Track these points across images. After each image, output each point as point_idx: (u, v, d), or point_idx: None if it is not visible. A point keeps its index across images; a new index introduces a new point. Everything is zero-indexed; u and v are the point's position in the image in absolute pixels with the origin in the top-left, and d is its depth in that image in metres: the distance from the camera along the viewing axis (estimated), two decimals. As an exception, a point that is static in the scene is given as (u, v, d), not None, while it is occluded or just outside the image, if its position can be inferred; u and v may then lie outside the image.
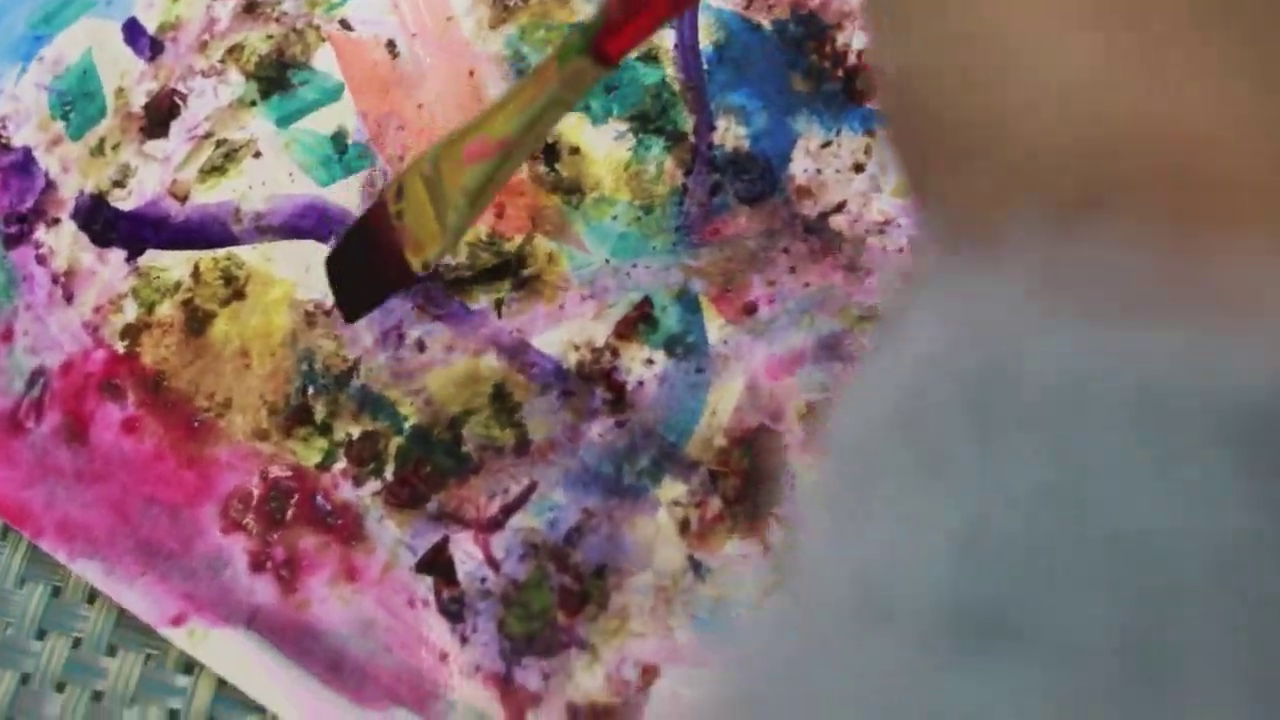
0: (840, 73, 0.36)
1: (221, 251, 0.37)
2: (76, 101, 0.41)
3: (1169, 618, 0.11)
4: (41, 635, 0.36)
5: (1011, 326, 0.13)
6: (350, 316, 0.33)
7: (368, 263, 0.31)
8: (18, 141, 0.41)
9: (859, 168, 0.35)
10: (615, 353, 0.35)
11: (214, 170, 0.38)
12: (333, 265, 0.32)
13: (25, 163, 0.40)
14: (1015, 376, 0.13)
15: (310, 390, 0.36)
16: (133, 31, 0.41)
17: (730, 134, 0.36)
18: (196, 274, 0.37)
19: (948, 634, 0.12)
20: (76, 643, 0.35)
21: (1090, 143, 0.14)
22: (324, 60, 0.39)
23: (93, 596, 0.36)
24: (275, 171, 0.38)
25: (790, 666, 0.14)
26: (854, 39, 0.36)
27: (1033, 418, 0.13)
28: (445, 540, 0.34)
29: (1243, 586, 0.11)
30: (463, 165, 0.28)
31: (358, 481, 0.35)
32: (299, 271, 0.37)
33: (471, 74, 0.38)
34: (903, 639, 0.13)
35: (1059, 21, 0.14)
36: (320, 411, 0.35)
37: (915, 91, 0.16)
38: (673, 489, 0.33)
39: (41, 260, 0.39)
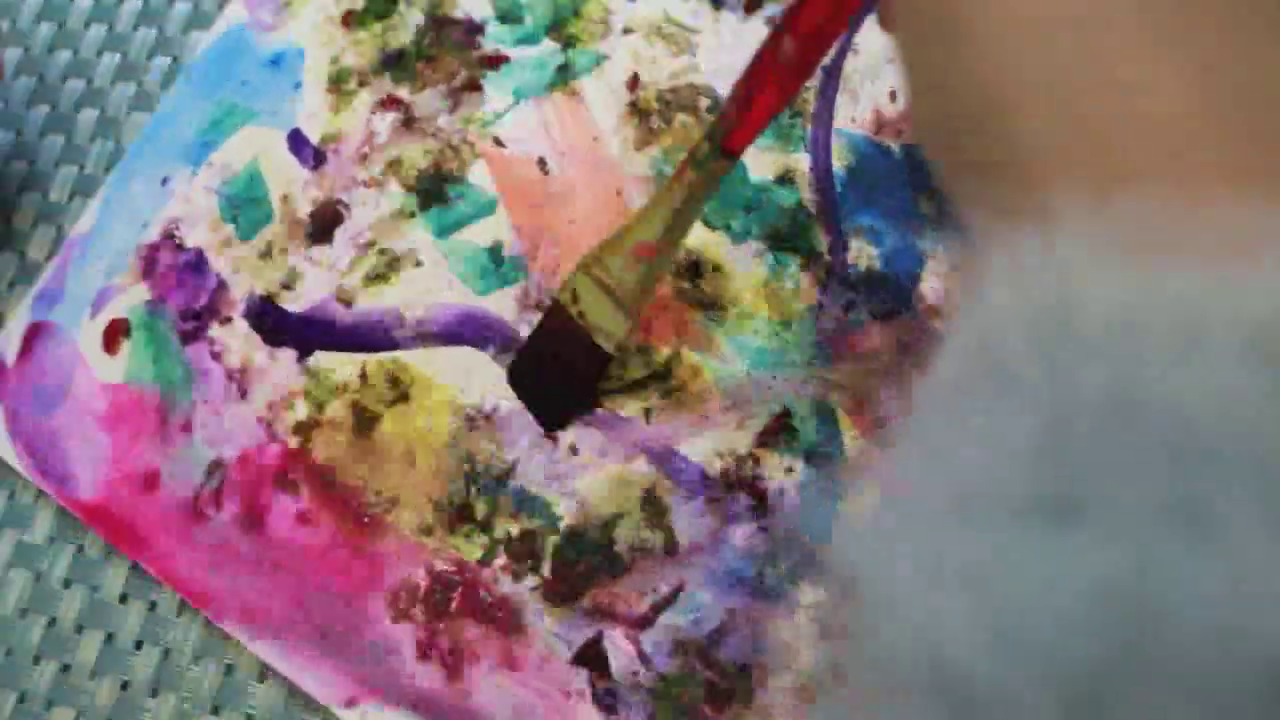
0: (967, 196, 0.39)
1: (386, 355, 0.41)
2: (244, 206, 0.44)
3: (1211, 487, 0.15)
4: (216, 711, 0.39)
5: (1065, 274, 0.17)
6: (550, 424, 0.38)
7: (558, 363, 0.37)
8: (191, 242, 0.44)
9: (986, 289, 0.38)
10: (757, 460, 0.38)
11: (378, 278, 0.42)
12: (516, 378, 0.37)
13: (198, 263, 0.44)
14: (1073, 311, 0.17)
15: (472, 490, 0.39)
16: (296, 141, 0.44)
17: (863, 253, 0.39)
18: (364, 376, 0.41)
19: (1030, 515, 0.16)
20: (249, 718, 0.39)
21: (1082, 138, 0.18)
22: (479, 175, 0.42)
23: (263, 675, 0.39)
24: (435, 280, 0.41)
25: (897, 554, 0.18)
26: (980, 164, 0.39)
27: (1090, 344, 0.16)
28: (599, 635, 0.37)
29: (1264, 453, 0.15)
30: (633, 263, 0.35)
31: (516, 577, 0.38)
32: (460, 376, 0.40)
33: (619, 193, 0.41)
34: (994, 523, 0.16)
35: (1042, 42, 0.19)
36: (481, 510, 0.39)
37: (945, 119, 0.21)
38: (812, 594, 0.36)
39: (216, 356, 0.42)
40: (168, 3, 0.49)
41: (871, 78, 0.40)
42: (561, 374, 0.38)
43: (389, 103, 0.44)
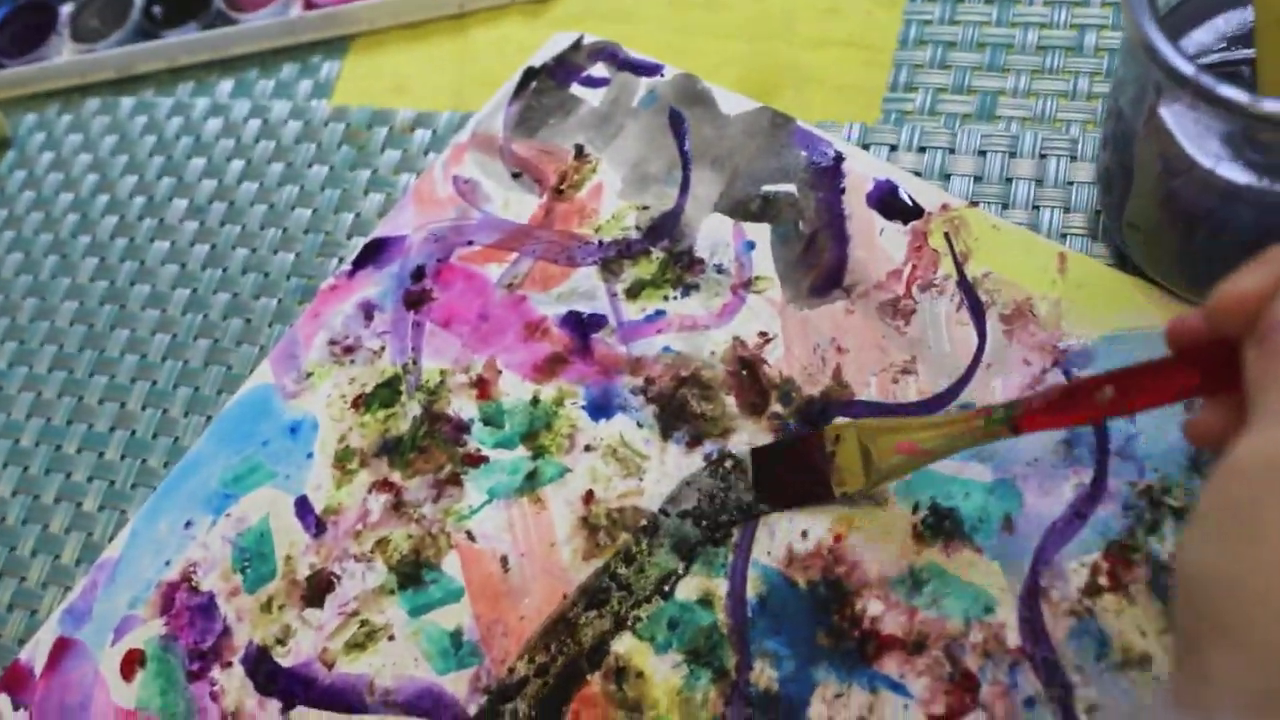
0: (856, 633, 0.47)
1: (354, 718, 0.50)
2: (254, 560, 0.54)
3: None
4: None
5: None
6: (761, 499, 0.50)
7: (794, 473, 0.50)
8: (205, 586, 0.54)
9: (862, 721, 0.46)
10: None
11: (356, 645, 0.51)
12: (759, 458, 0.50)
13: (209, 606, 0.54)
14: None
15: None
16: (303, 508, 0.54)
17: (764, 675, 0.48)
18: (334, 735, 0.50)
19: None
20: None
21: None
22: (451, 565, 0.52)
23: None
24: (404, 655, 0.51)
25: None
26: (869, 605, 0.48)
27: None
28: None
29: None
30: (892, 450, 0.46)
31: None
32: (414, 747, 0.49)
33: (564, 595, 0.50)
34: None
35: None
36: None
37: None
38: None
39: (214, 697, 0.52)
40: (203, 365, 0.60)
41: (788, 519, 0.50)
42: (791, 480, 0.50)
43: (383, 485, 0.54)
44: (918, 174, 0.56)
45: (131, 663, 0.53)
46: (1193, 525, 0.30)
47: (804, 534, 0.49)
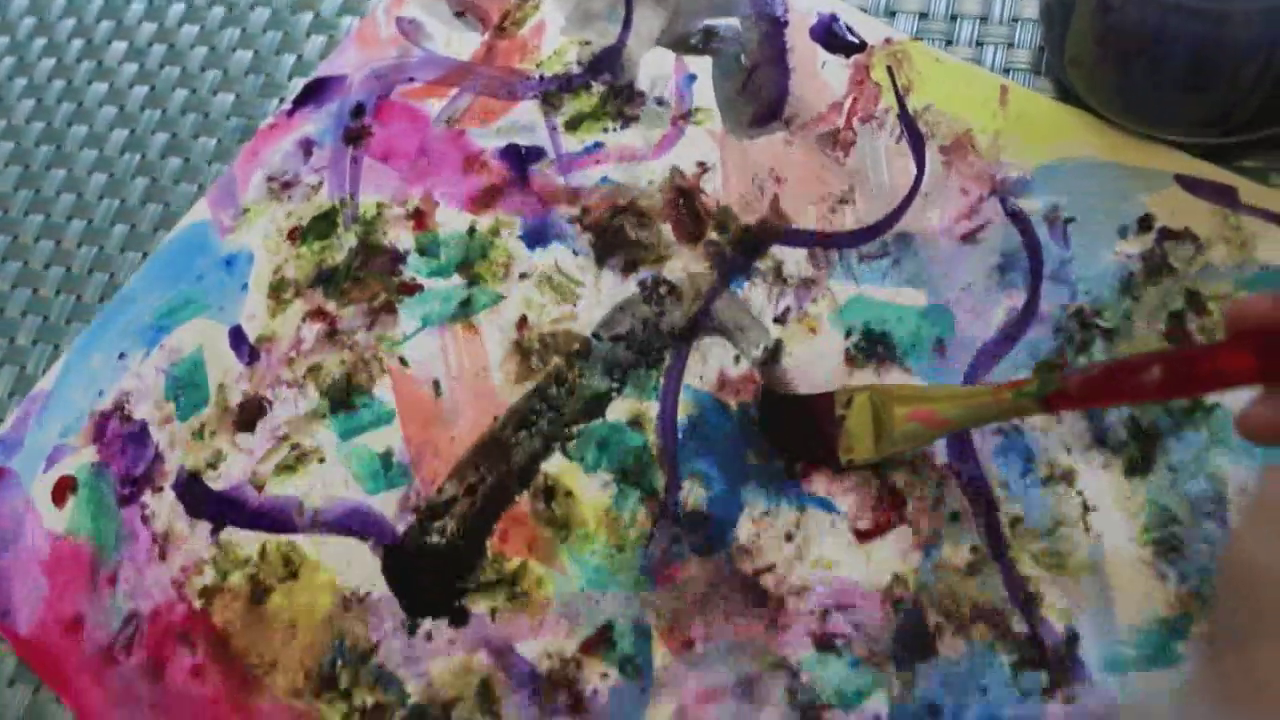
0: (785, 455, 0.48)
1: (284, 537, 0.50)
2: (186, 389, 0.54)
3: None
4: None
5: None
6: (771, 441, 0.48)
7: (799, 428, 0.48)
8: (137, 415, 0.54)
9: (789, 537, 0.47)
10: (579, 665, 0.46)
11: (286, 468, 0.51)
12: (770, 404, 0.48)
13: (141, 435, 0.54)
14: None
15: (339, 662, 0.48)
16: (237, 338, 0.54)
17: (693, 494, 0.48)
18: (263, 554, 0.50)
19: None
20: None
21: None
22: (383, 389, 0.52)
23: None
24: (334, 477, 0.51)
25: None
26: (800, 427, 0.48)
27: None
28: (427, 804, 0.45)
29: None
30: (907, 419, 0.43)
31: (366, 744, 0.47)
32: (342, 564, 0.49)
33: (495, 418, 0.50)
34: None
35: None
36: (344, 680, 0.48)
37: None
38: (609, 786, 0.45)
39: (145, 521, 0.52)
40: (140, 203, 0.59)
41: (721, 345, 0.50)
42: (795, 434, 0.48)
43: (317, 315, 0.54)
44: (862, 9, 0.56)
45: (63, 489, 0.54)
46: (1253, 519, 0.28)
47: (736, 359, 0.50)
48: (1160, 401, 0.45)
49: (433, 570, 0.48)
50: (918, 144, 0.52)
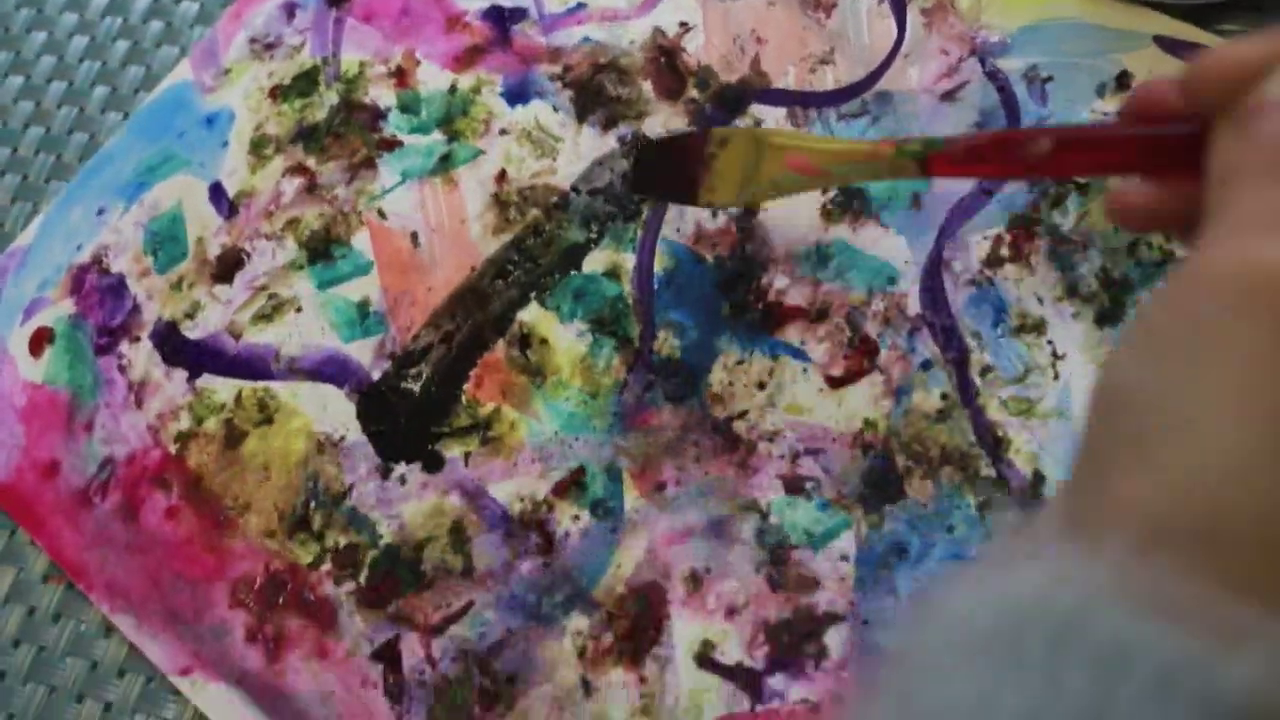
0: (760, 306, 0.48)
1: (260, 384, 0.51)
2: (164, 243, 0.54)
3: None
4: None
5: (1085, 595, 0.22)
6: (633, 188, 0.50)
7: (669, 165, 0.47)
8: (115, 268, 0.54)
9: (761, 385, 0.47)
10: (551, 507, 0.47)
11: (263, 317, 0.52)
12: (642, 150, 0.50)
13: (119, 287, 0.54)
14: (1070, 629, 0.21)
15: (312, 504, 0.48)
16: (216, 193, 0.55)
17: (667, 343, 0.49)
18: (239, 399, 0.51)
19: None
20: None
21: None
22: (361, 241, 0.52)
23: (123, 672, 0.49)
24: (310, 325, 0.51)
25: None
26: (775, 280, 0.49)
27: (1084, 662, 0.21)
28: (397, 638, 0.46)
29: None
30: (784, 166, 0.42)
31: (338, 581, 0.47)
32: (317, 409, 0.50)
33: (473, 268, 0.51)
34: None
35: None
36: (317, 522, 0.48)
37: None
38: (578, 621, 0.45)
39: (122, 369, 0.52)
40: (121, 65, 0.60)
41: (696, 197, 0.50)
42: (662, 172, 0.48)
43: (297, 170, 0.54)
44: (848, -124, 0.56)
45: (40, 340, 0.54)
46: (1129, 340, 0.26)
47: (713, 213, 0.50)
48: (1044, 178, 0.46)
49: (407, 415, 0.49)
50: (899, 6, 0.52)
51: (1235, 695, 0.20)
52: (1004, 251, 0.47)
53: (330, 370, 0.50)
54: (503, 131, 0.53)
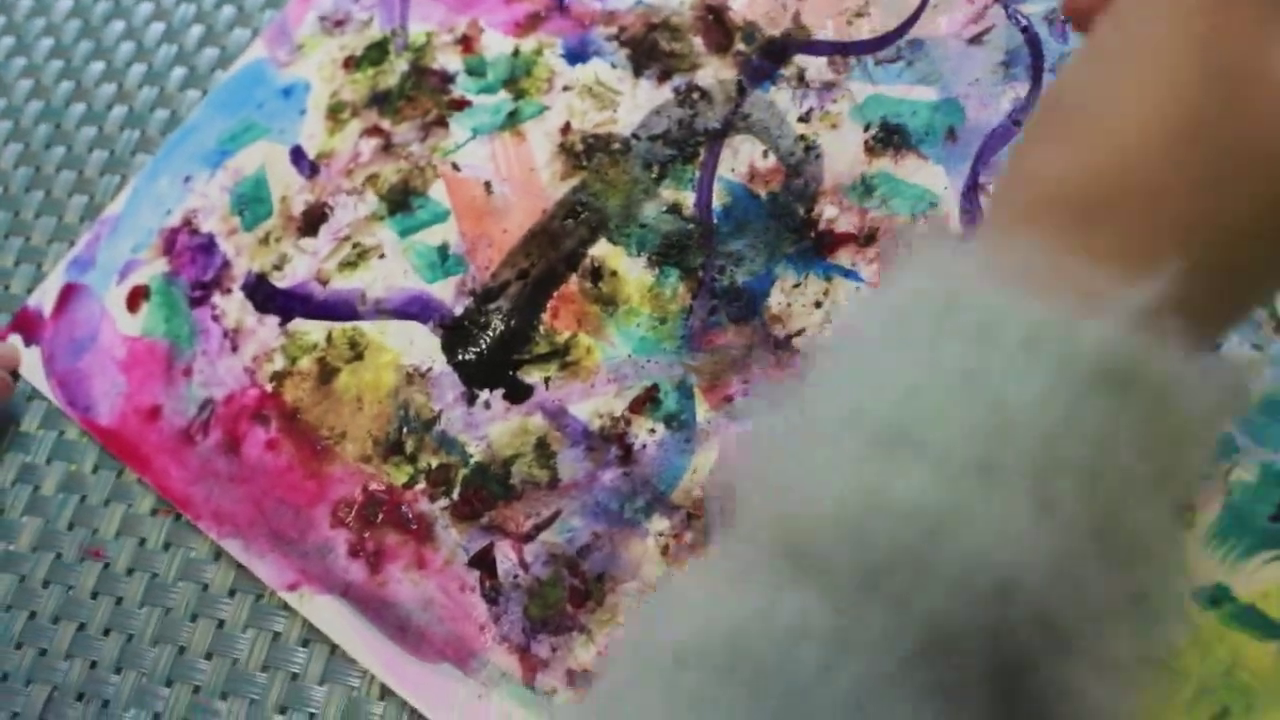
0: (812, 234, 0.53)
1: (349, 324, 0.56)
2: (250, 204, 0.59)
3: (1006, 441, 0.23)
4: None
5: (958, 281, 0.25)
6: None
7: None
8: (204, 229, 0.59)
9: (818, 304, 0.52)
10: (628, 422, 0.52)
11: (349, 265, 0.57)
12: None
13: (209, 245, 0.59)
14: (948, 309, 0.25)
15: (404, 430, 0.53)
16: (297, 156, 0.60)
17: (728, 272, 0.54)
18: (329, 339, 0.55)
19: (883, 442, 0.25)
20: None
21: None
22: (437, 191, 0.57)
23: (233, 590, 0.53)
24: (394, 270, 0.56)
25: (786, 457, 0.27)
26: (825, 210, 0.54)
27: (959, 335, 0.25)
28: (491, 546, 0.51)
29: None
30: None
31: (432, 499, 0.52)
32: (404, 344, 0.55)
33: (544, 211, 0.56)
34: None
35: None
36: (410, 446, 0.53)
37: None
38: (659, 524, 0.50)
39: (216, 319, 0.57)
40: (196, 48, 0.65)
41: (750, 142, 0.55)
42: None
43: (373, 131, 0.59)
44: None
45: (137, 297, 0.59)
46: (1079, 50, 0.30)
47: (765, 154, 0.55)
48: None
49: (490, 345, 0.54)
50: (928, -39, 0.58)
51: (1092, 352, 0.23)
52: (1036, 174, 0.52)
53: (414, 309, 0.55)
54: (565, 88, 0.58)
